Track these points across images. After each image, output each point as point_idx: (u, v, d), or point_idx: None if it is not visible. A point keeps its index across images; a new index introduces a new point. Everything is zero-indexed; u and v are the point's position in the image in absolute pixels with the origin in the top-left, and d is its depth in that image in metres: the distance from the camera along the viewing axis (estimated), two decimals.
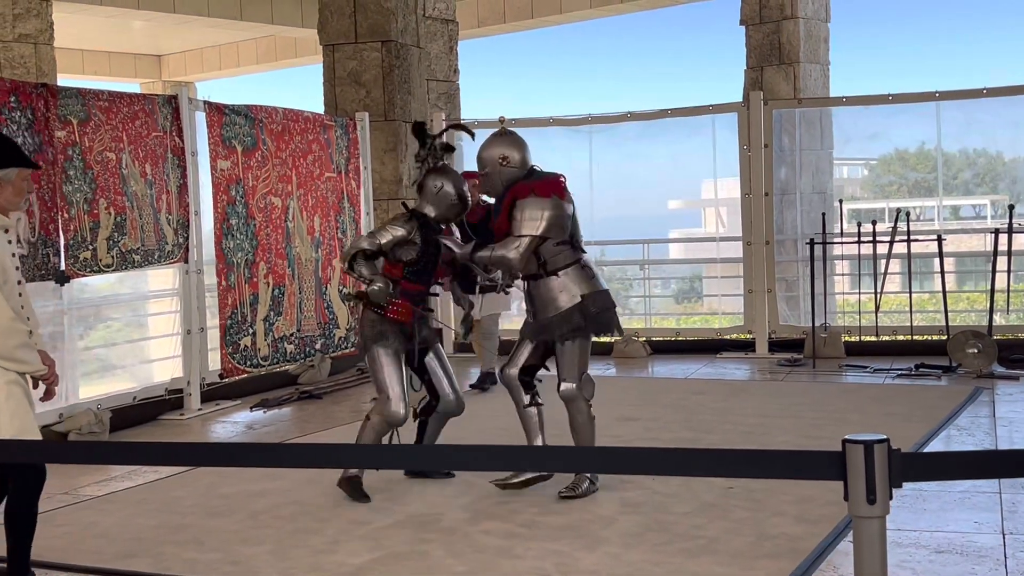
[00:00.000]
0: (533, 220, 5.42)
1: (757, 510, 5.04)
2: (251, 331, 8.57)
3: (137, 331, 9.04)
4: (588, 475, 5.43)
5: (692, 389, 8.53)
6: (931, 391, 8.18)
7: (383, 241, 5.60)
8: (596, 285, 5.56)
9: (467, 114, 13.02)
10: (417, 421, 5.87)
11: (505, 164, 5.56)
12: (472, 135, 6.19)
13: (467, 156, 11.41)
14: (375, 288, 5.51)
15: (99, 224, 7.41)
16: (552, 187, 5.51)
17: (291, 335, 9.03)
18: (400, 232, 5.61)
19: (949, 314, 9.53)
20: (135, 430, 7.59)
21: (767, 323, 10.32)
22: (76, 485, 5.96)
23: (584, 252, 5.65)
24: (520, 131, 6.83)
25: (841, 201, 10.85)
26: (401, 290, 5.62)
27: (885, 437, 2.50)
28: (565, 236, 5.51)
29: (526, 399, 5.64)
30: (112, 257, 7.52)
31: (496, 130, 5.74)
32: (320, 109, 10.84)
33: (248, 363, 8.56)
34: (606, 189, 11.32)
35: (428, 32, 12.39)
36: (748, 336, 10.49)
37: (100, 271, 7.49)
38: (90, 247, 7.35)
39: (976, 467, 2.84)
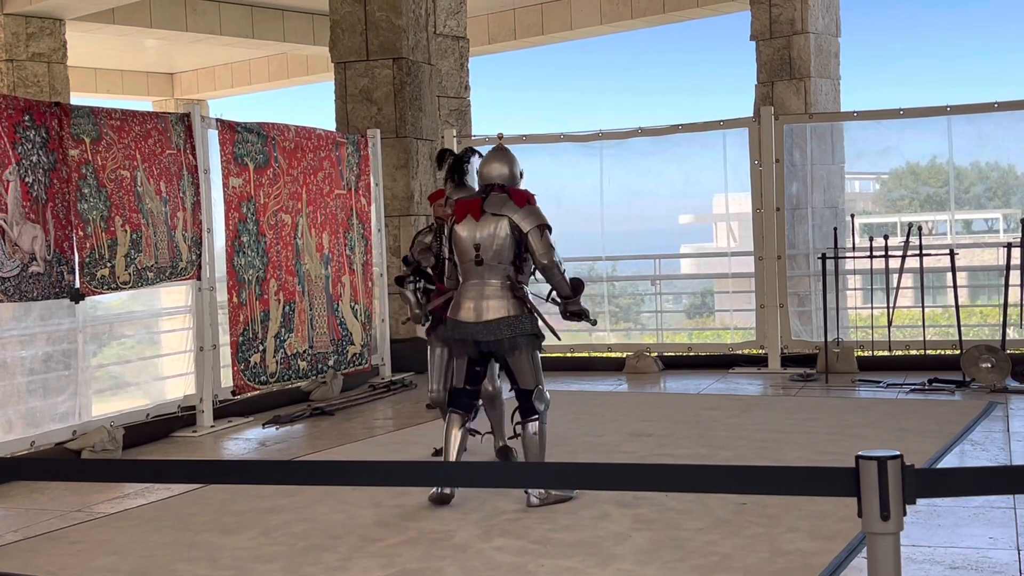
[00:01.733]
0: None
1: (771, 526, 5.02)
2: (261, 348, 8.59)
3: (150, 348, 9.07)
4: None
5: (704, 404, 8.51)
6: (944, 406, 8.15)
7: (409, 254, 6.59)
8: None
9: (478, 130, 13.05)
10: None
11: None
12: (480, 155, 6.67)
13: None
14: (412, 313, 6.49)
15: (117, 242, 7.45)
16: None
17: (304, 352, 9.05)
18: (424, 240, 6.55)
19: (962, 328, 9.49)
20: (148, 447, 7.61)
21: (779, 338, 10.29)
22: (90, 502, 5.97)
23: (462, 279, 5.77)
24: (531, 147, 6.90)
25: (853, 215, 10.83)
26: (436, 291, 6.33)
27: (899, 453, 2.49)
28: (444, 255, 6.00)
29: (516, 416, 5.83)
30: (129, 274, 7.56)
31: (494, 146, 6.01)
32: (332, 126, 10.88)
33: (257, 380, 8.57)
34: (617, 204, 11.32)
35: (439, 49, 12.43)
36: (760, 351, 10.46)
37: (117, 288, 7.51)
38: (108, 264, 7.38)
39: (990, 482, 2.83)
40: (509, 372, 5.73)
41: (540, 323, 5.72)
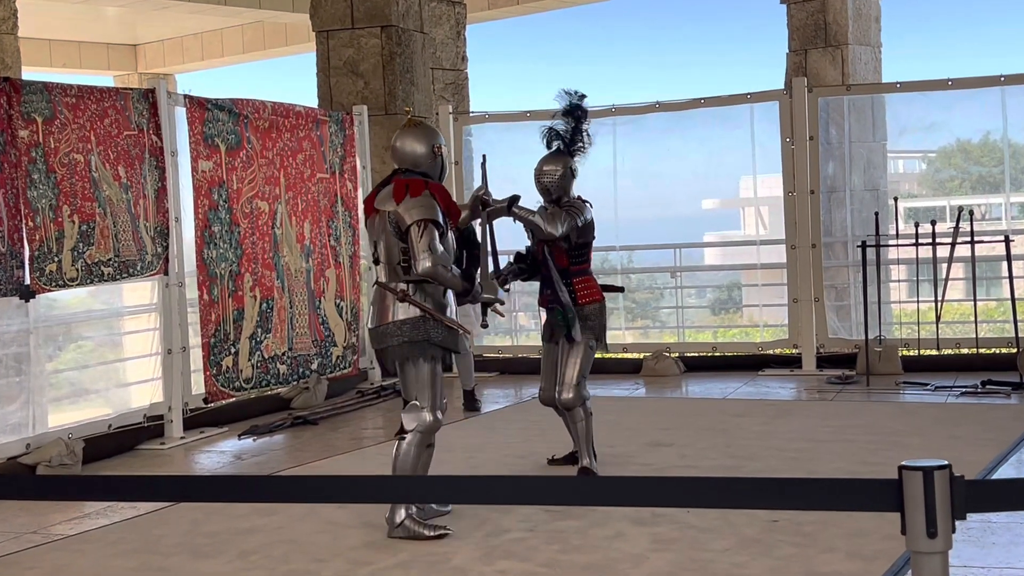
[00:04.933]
0: None
1: (805, 546, 5.03)
2: (233, 350, 8.59)
3: (112, 351, 9.06)
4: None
5: (731, 411, 8.53)
6: (1000, 410, 8.16)
7: None
8: None
9: (477, 106, 13.06)
10: None
11: (439, 152, 5.68)
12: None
13: (478, 149, 11.44)
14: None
15: (64, 234, 7.39)
16: None
17: (283, 354, 9.05)
18: None
19: (1019, 324, 9.48)
20: (111, 461, 7.62)
21: (815, 336, 10.30)
22: (46, 523, 5.98)
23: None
24: (536, 124, 6.90)
25: (896, 199, 10.82)
26: None
27: (947, 463, 2.49)
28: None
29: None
30: (77, 270, 7.48)
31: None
32: (313, 102, 10.88)
33: (230, 386, 8.57)
34: (632, 187, 11.33)
35: (433, 16, 12.43)
36: (793, 351, 10.47)
37: (65, 285, 7.43)
38: (56, 259, 7.33)
39: None
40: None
41: (450, 324, 5.56)
